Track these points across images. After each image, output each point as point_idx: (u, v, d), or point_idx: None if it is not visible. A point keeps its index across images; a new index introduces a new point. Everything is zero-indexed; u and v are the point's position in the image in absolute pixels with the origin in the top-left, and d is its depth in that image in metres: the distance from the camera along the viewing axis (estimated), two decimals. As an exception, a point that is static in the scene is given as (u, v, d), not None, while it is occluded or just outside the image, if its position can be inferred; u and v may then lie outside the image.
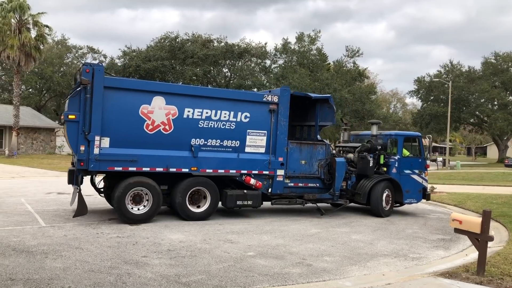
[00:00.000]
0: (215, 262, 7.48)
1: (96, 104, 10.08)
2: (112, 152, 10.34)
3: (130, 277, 6.53)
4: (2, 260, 7.13)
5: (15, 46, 31.27)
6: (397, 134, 14.16)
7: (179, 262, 7.41)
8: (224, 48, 42.08)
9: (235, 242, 9.03)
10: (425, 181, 13.97)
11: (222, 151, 11.40)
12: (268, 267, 7.34)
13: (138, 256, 7.67)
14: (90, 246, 8.25)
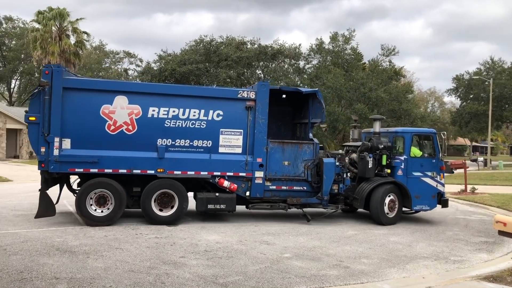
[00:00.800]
0: (252, 263, 7.51)
1: (55, 105, 10.11)
2: (73, 153, 10.29)
3: (169, 277, 6.64)
4: (47, 260, 7.39)
5: (56, 52, 32.37)
6: (404, 130, 12.52)
7: (216, 263, 7.47)
8: (258, 50, 42.19)
9: (271, 243, 9.02)
10: (441, 185, 12.06)
11: (193, 151, 10.82)
12: (304, 269, 7.30)
13: (176, 257, 7.79)
14: (129, 246, 8.43)
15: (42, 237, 9.05)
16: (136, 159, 10.51)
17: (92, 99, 10.41)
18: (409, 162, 11.82)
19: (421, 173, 11.88)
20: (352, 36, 41.87)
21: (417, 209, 11.92)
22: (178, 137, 10.75)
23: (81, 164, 10.31)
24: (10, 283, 6.22)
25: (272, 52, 42.45)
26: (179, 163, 10.69)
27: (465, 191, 19.23)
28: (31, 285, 6.16)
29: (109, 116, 10.44)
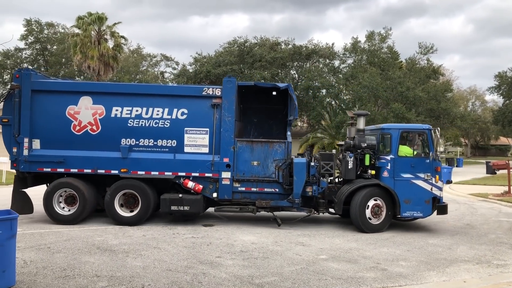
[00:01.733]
0: (287, 264, 7.50)
1: (24, 107, 10.55)
2: (41, 153, 10.64)
3: (206, 277, 6.72)
4: (88, 258, 7.62)
5: (95, 56, 33.28)
6: (391, 127, 11.05)
7: (252, 263, 7.50)
8: (292, 50, 42.05)
9: (306, 244, 8.99)
10: (437, 188, 10.51)
11: (157, 151, 10.67)
12: (341, 270, 7.24)
13: (213, 257, 7.87)
14: (167, 246, 8.59)
15: (83, 236, 9.34)
16: (101, 159, 10.63)
17: (59, 100, 10.73)
18: (396, 162, 10.47)
19: (411, 174, 10.46)
20: (388, 34, 41.10)
21: (407, 215, 10.54)
22: (141, 136, 10.69)
23: (48, 164, 10.63)
24: (54, 279, 6.46)
25: (307, 52, 42.21)
26: (143, 163, 10.64)
27: (508, 193, 18.55)
28: (74, 282, 6.37)
29: (74, 116, 10.70)
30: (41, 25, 48.08)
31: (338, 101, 40.52)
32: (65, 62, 48.11)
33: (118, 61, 36.07)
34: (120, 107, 10.70)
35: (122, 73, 45.05)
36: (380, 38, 41.39)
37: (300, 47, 42.28)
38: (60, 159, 10.62)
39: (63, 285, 6.23)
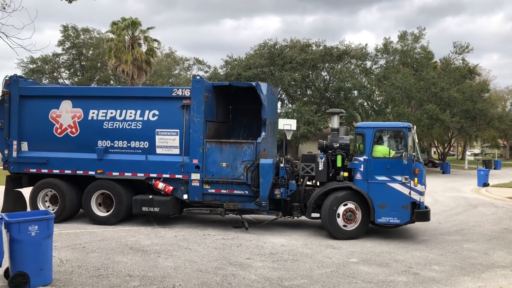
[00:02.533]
0: (317, 267, 7.46)
1: (14, 112, 11.22)
2: (29, 155, 11.25)
3: (235, 278, 6.77)
4: (121, 258, 7.80)
5: (129, 61, 33.99)
6: (365, 126, 10.25)
7: (282, 266, 7.50)
8: (323, 52, 41.76)
9: (337, 247, 8.91)
10: (417, 192, 9.51)
11: (131, 153, 10.78)
12: (372, 274, 7.14)
13: (242, 258, 7.91)
14: (197, 247, 8.69)
15: (117, 236, 9.56)
16: (79, 160, 10.96)
17: (43, 104, 11.25)
18: (370, 163, 9.64)
19: (387, 177, 9.56)
20: (422, 34, 40.32)
21: (382, 221, 9.64)
22: (116, 138, 10.85)
23: (34, 165, 11.20)
24: (88, 278, 6.64)
25: (338, 53, 41.83)
26: (117, 164, 10.79)
27: (549, 196, 17.85)
28: (107, 281, 6.53)
29: (56, 120, 11.17)
30: (77, 31, 49.45)
31: (370, 102, 40.00)
32: (100, 66, 49.28)
33: (151, 65, 36.71)
34: (97, 110, 10.97)
35: (155, 77, 45.86)
36: (413, 38, 40.64)
37: (331, 48, 41.95)
38: (44, 161, 11.13)
39: (97, 284, 6.40)
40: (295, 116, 35.04)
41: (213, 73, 43.75)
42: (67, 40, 49.21)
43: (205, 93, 10.45)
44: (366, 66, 43.13)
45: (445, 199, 17.49)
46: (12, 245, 6.02)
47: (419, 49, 40.78)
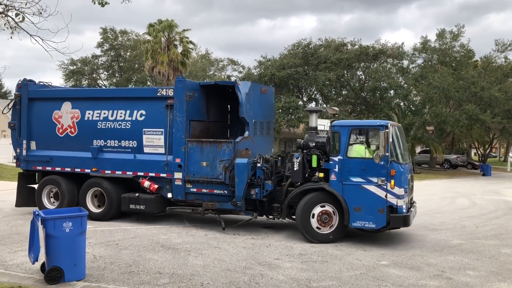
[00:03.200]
0: (347, 269, 7.38)
1: (23, 113, 11.94)
2: (36, 153, 11.93)
3: (263, 278, 6.78)
4: (152, 255, 7.95)
5: (165, 62, 34.61)
6: (340, 124, 9.62)
7: (310, 267, 7.46)
8: (358, 51, 41.23)
9: (368, 249, 8.78)
10: (394, 195, 8.75)
11: (121, 152, 11.07)
12: (402, 277, 7.00)
13: (271, 258, 7.92)
14: (227, 246, 8.75)
15: (149, 234, 9.75)
16: (77, 159, 11.45)
17: (47, 106, 11.88)
18: (345, 164, 9.09)
19: (362, 178, 8.97)
20: (461, 32, 39.15)
21: (357, 225, 9.08)
22: (109, 138, 11.21)
23: (40, 162, 11.85)
24: (120, 275, 6.81)
25: (374, 52, 41.19)
26: (110, 163, 11.13)
27: None
28: (138, 278, 6.68)
29: (58, 120, 11.75)
30: (116, 33, 50.76)
31: (407, 102, 39.19)
32: (137, 67, 50.37)
33: (186, 66, 37.24)
34: (92, 111, 11.41)
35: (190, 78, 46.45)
36: (452, 36, 39.52)
37: (367, 48, 41.34)
38: (48, 159, 11.76)
39: (128, 281, 6.55)
40: (329, 117, 34.71)
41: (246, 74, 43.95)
42: (106, 42, 50.55)
43: (188, 92, 10.46)
44: (403, 65, 42.27)
45: (484, 202, 16.93)
46: (48, 241, 6.25)
47: (458, 48, 39.65)
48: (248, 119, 10.43)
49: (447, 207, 15.64)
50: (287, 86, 41.27)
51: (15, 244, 8.59)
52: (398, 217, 8.78)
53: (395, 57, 42.09)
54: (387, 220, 8.80)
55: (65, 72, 49.91)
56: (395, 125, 9.62)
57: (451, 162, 42.46)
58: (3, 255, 7.81)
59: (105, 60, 52.62)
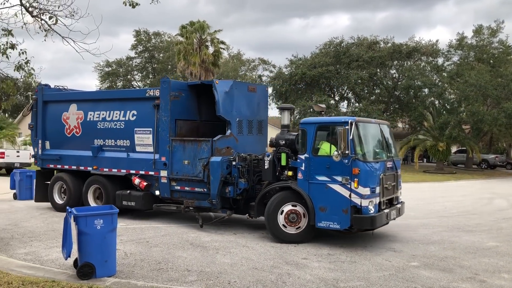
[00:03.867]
0: (375, 270, 7.27)
1: (39, 115, 12.85)
2: (50, 152, 12.77)
3: (290, 277, 6.77)
4: (181, 253, 8.07)
5: (197, 63, 35.05)
6: (307, 121, 9.29)
7: (338, 267, 7.40)
8: (391, 49, 40.56)
9: (398, 250, 8.63)
10: (357, 195, 8.35)
11: (117, 150, 11.54)
12: (433, 279, 6.84)
13: (299, 258, 7.89)
14: (255, 245, 8.79)
15: (179, 232, 9.90)
16: (81, 157, 12.13)
17: (58, 108, 12.68)
18: (311, 162, 8.78)
19: (327, 177, 8.63)
20: (499, 28, 37.91)
21: (322, 226, 8.71)
22: (107, 137, 11.74)
23: (52, 161, 12.70)
24: (149, 271, 6.94)
25: (407, 50, 40.42)
26: (107, 161, 11.65)
27: None
28: (167, 275, 6.79)
29: (66, 121, 12.48)
30: (149, 35, 51.74)
31: (441, 100, 38.22)
32: (170, 69, 51.16)
33: (218, 66, 37.56)
34: (93, 112, 11.99)
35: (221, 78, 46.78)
36: (490, 32, 38.29)
37: (400, 45, 40.61)
38: (58, 157, 12.57)
39: (157, 277, 6.67)
40: (362, 116, 34.28)
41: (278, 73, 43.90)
42: (139, 44, 51.56)
43: (172, 92, 10.63)
44: (438, 63, 41.28)
45: (522, 204, 16.34)
46: (80, 237, 6.44)
47: (497, 44, 38.39)
48: (229, 118, 10.47)
49: (483, 208, 15.18)
50: (318, 85, 41.00)
51: (50, 241, 8.89)
52: (361, 218, 8.38)
53: (429, 55, 41.17)
54: (351, 221, 8.45)
55: (101, 73, 51.19)
56: (365, 121, 9.43)
57: (489, 162, 41.18)
58: (39, 251, 8.10)
59: (139, 61, 53.71)
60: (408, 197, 17.58)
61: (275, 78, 43.75)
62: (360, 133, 8.77)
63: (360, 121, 9.03)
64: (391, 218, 9.18)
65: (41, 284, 6.09)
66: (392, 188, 9.38)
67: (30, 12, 8.22)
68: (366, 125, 9.29)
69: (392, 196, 9.47)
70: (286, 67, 43.36)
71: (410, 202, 16.03)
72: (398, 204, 9.75)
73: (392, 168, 9.48)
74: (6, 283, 6.03)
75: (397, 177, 9.67)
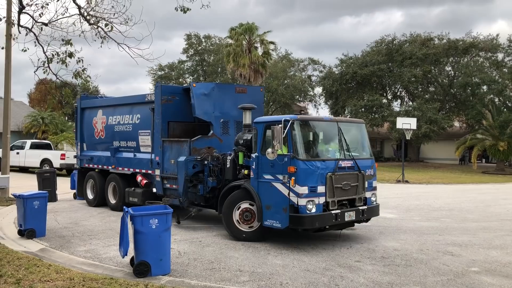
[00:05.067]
0: (432, 274, 7.01)
1: (78, 120, 14.61)
2: (85, 153, 14.29)
3: (343, 280, 6.66)
4: (233, 253, 8.14)
5: (246, 64, 35.28)
6: (258, 120, 9.27)
7: (393, 270, 7.20)
8: (447, 45, 39.11)
9: (456, 255, 8.28)
10: (295, 194, 8.18)
11: (128, 151, 12.56)
12: (495, 285, 6.51)
13: (352, 261, 7.75)
14: (307, 246, 8.71)
15: (230, 232, 9.97)
16: (104, 158, 13.35)
17: (90, 114, 14.17)
18: (260, 161, 8.74)
19: (271, 176, 8.57)
20: None
21: (267, 224, 8.62)
22: (121, 139, 12.84)
23: (86, 161, 14.11)
24: (202, 271, 7.05)
25: (464, 46, 38.80)
26: (121, 161, 12.75)
27: None
28: (219, 275, 6.87)
29: (95, 125, 13.89)
30: (200, 38, 52.66)
31: (502, 98, 36.42)
32: (220, 71, 51.82)
33: (267, 67, 37.64)
34: (112, 116, 13.19)
35: (270, 79, 46.90)
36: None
37: (456, 41, 39.06)
38: (89, 158, 14.00)
39: (210, 277, 6.76)
40: (416, 115, 33.29)
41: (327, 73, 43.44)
42: (190, 47, 52.60)
43: (164, 96, 11.20)
44: (497, 58, 39.35)
45: None
46: (136, 236, 6.64)
47: None
48: (209, 119, 10.92)
49: (550, 211, 14.28)
50: (370, 84, 40.23)
51: (108, 239, 9.24)
52: (298, 217, 8.20)
53: (488, 50, 39.32)
54: (290, 221, 8.26)
55: (154, 77, 52.68)
56: (312, 119, 9.43)
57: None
58: (98, 248, 8.44)
59: (190, 65, 54.77)
60: (465, 199, 16.90)
61: (325, 77, 43.31)
62: (300, 132, 8.63)
63: (304, 119, 8.97)
64: (345, 219, 8.76)
65: (100, 281, 6.33)
66: (354, 188, 8.97)
67: (88, 21, 8.61)
68: (314, 124, 9.32)
69: (353, 197, 9.00)
70: (337, 67, 42.82)
71: (468, 204, 15.40)
72: (364, 206, 9.20)
73: (352, 168, 9.02)
74: (69, 279, 6.32)
75: (360, 177, 9.09)
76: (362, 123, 10.13)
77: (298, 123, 8.62)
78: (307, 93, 51.74)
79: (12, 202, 12.79)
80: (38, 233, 9.24)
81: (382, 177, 26.00)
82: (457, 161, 40.57)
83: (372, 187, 9.52)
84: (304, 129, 8.87)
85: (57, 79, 9.33)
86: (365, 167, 9.31)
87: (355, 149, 9.45)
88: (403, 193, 18.99)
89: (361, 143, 9.86)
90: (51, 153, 26.02)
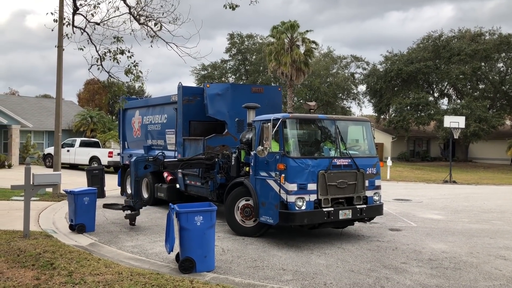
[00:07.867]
0: (483, 279, 6.75)
1: (120, 121, 15.81)
2: (126, 151, 15.28)
3: (389, 282, 6.53)
4: (276, 252, 8.15)
5: (288, 63, 35.14)
6: (256, 118, 9.45)
7: (441, 273, 6.98)
8: (498, 40, 37.51)
9: (509, 259, 7.93)
10: (284, 191, 8.27)
11: (158, 148, 13.09)
12: (552, 292, 6.19)
13: (397, 262, 7.58)
14: (351, 247, 8.60)
15: (274, 231, 9.97)
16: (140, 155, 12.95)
17: (130, 114, 15.16)
18: (257, 158, 8.85)
19: (266, 173, 8.71)
20: None
21: (262, 220, 8.75)
22: (153, 138, 13.75)
23: (127, 158, 14.50)
24: (246, 269, 7.09)
25: (517, 41, 37.09)
26: None
27: None
28: (263, 273, 6.89)
29: (134, 125, 14.86)
30: (242, 38, 52.97)
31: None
32: (262, 70, 51.94)
33: (309, 65, 37.37)
34: (146, 116, 14.03)
35: (313, 77, 46.56)
36: None
37: (509, 36, 37.40)
38: (129, 155, 14.32)
39: (253, 274, 6.79)
40: (464, 113, 32.14)
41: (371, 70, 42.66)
42: (233, 47, 53.00)
43: (185, 97, 11.78)
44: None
45: None
46: (181, 233, 6.76)
47: None
48: (223, 118, 11.42)
49: None
50: (415, 82, 39.18)
51: (154, 235, 9.46)
52: (286, 214, 8.27)
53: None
54: (280, 218, 8.34)
55: (197, 77, 53.46)
56: (306, 118, 9.44)
57: None
58: (145, 244, 8.65)
59: (232, 64, 55.20)
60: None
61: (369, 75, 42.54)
62: (291, 130, 8.78)
63: (296, 118, 9.07)
64: (339, 217, 8.63)
65: (147, 276, 6.49)
66: (351, 187, 8.76)
67: (137, 20, 8.82)
68: (309, 122, 9.49)
69: (351, 195, 8.80)
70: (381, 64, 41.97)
71: (522, 207, 14.72)
72: (363, 205, 8.95)
73: (350, 166, 8.82)
74: (117, 273, 6.51)
75: (359, 176, 8.89)
76: (366, 121, 10.00)
77: (290, 122, 8.76)
78: (350, 91, 51.05)
79: (64, 198, 13.30)
80: (88, 228, 9.58)
81: (429, 177, 25.43)
82: (508, 161, 38.86)
83: (375, 186, 9.33)
84: (296, 128, 9.05)
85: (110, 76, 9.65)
86: (366, 166, 9.16)
87: (355, 148, 9.51)
88: (450, 193, 18.39)
89: (364, 141, 9.75)
90: (99, 151, 26.95)
